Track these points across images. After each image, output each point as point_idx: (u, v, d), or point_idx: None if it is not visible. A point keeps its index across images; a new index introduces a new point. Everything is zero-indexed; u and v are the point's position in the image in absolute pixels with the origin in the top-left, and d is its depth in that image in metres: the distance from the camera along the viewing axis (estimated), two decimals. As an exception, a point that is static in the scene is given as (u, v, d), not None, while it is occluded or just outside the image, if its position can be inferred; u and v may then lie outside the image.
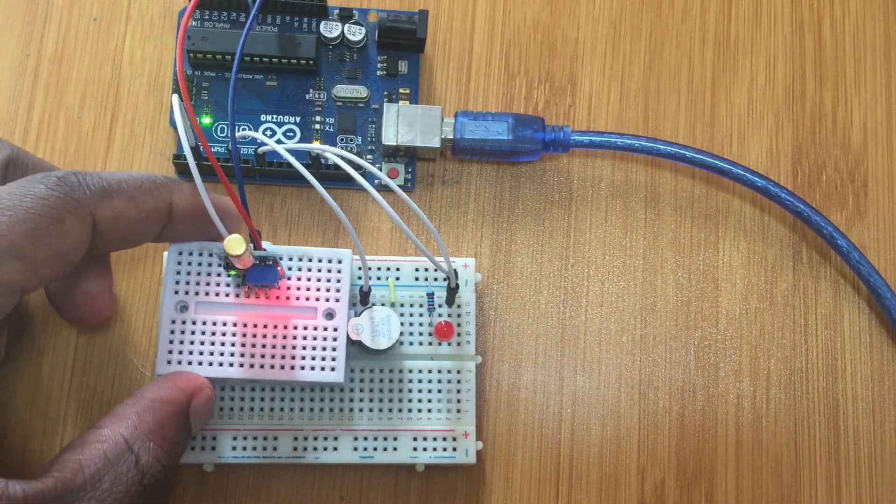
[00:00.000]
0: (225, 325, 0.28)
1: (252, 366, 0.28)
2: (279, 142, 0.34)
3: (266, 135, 0.34)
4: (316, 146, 0.29)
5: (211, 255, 0.29)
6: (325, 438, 0.31)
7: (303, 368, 0.29)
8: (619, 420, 0.34)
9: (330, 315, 0.29)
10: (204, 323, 0.28)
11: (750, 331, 0.35)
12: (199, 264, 0.29)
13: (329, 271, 0.30)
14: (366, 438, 0.31)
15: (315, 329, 0.29)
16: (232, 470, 0.32)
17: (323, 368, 0.29)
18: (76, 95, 0.35)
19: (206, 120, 0.34)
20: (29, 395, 0.32)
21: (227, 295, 0.29)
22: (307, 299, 0.29)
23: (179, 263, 0.29)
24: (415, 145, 0.33)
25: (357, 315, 0.31)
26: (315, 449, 0.31)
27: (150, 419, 0.26)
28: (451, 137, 0.34)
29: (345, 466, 0.32)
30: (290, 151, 0.28)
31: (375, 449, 0.31)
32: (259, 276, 0.29)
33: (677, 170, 0.36)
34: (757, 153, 0.37)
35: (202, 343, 0.28)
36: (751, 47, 0.38)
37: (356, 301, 0.32)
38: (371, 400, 0.31)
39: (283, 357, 0.29)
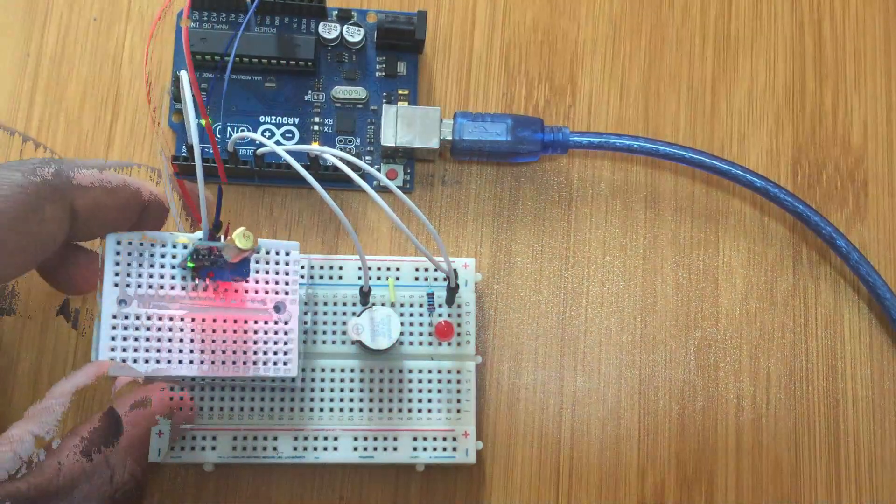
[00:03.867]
0: (172, 319, 0.27)
1: (202, 362, 0.27)
2: (278, 143, 0.34)
3: (265, 136, 0.34)
4: (315, 147, 0.29)
5: (153, 244, 0.27)
6: (325, 438, 0.31)
7: (255, 364, 0.28)
8: (619, 420, 0.34)
9: (279, 308, 0.28)
10: (149, 318, 0.26)
11: (750, 331, 0.35)
12: (141, 255, 0.27)
13: (277, 263, 0.29)
14: (366, 438, 0.31)
15: (266, 323, 0.28)
16: (232, 470, 0.32)
17: (275, 363, 0.28)
18: (76, 95, 0.35)
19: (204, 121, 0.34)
20: (29, 395, 0.32)
21: (173, 288, 0.27)
22: (256, 292, 0.28)
23: (118, 254, 0.27)
24: (413, 146, 0.33)
25: (357, 315, 0.31)
26: (315, 449, 0.31)
27: (132, 433, 0.25)
28: (450, 138, 0.34)
29: (344, 466, 0.32)
30: (289, 153, 0.28)
31: (375, 449, 0.31)
32: (230, 271, 0.27)
33: (677, 170, 0.36)
34: (757, 153, 0.37)
35: (147, 339, 0.26)
36: (751, 47, 0.38)
37: (356, 301, 0.32)
38: (371, 400, 0.31)
39: (235, 353, 0.27)
